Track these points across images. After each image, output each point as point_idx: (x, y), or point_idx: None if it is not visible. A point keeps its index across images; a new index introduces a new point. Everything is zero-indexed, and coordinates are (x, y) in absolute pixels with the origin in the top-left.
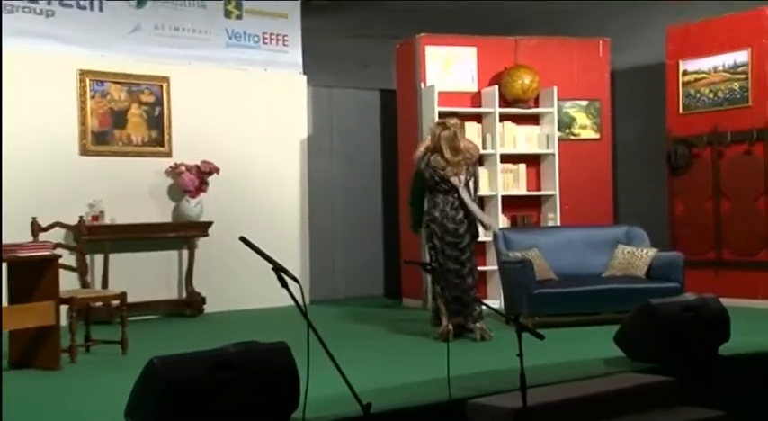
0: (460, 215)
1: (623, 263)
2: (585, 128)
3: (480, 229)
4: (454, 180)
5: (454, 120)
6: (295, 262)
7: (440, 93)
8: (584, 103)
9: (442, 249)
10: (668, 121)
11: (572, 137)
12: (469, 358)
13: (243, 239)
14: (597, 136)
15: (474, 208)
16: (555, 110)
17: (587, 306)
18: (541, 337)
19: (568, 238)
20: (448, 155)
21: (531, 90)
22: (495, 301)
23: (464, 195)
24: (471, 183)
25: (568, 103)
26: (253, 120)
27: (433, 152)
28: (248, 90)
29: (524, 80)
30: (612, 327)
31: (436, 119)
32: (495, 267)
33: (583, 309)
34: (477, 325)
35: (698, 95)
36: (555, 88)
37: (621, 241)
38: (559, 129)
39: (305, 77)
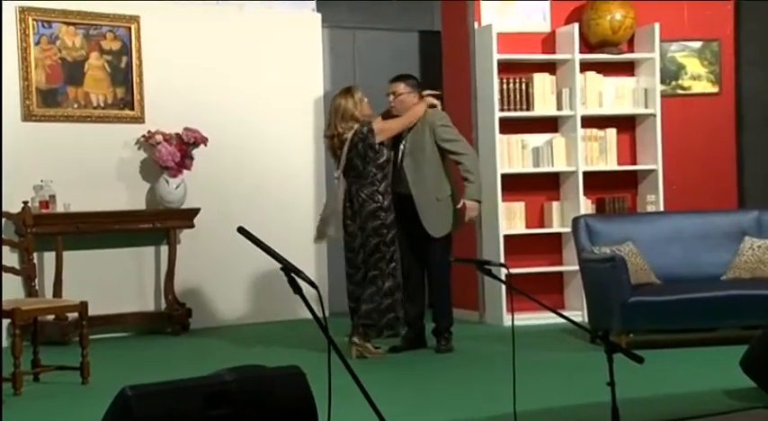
0: (340, 206)
1: (752, 262)
2: (699, 79)
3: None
4: (335, 166)
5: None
6: (309, 261)
7: (499, 35)
8: (698, 44)
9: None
10: None
11: (680, 91)
12: (541, 387)
13: (242, 231)
14: (715, 89)
15: (339, 203)
16: (657, 55)
17: (701, 319)
18: (640, 360)
19: (675, 229)
20: (326, 131)
21: (624, 28)
22: (577, 313)
23: (338, 186)
24: (359, 170)
25: (675, 46)
26: (251, 73)
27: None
28: (244, 33)
29: (615, 15)
30: (737, 348)
31: (495, 69)
32: (575, 267)
33: (695, 323)
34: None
35: None
36: (656, 25)
37: (750, 232)
38: (663, 82)
39: (319, 16)
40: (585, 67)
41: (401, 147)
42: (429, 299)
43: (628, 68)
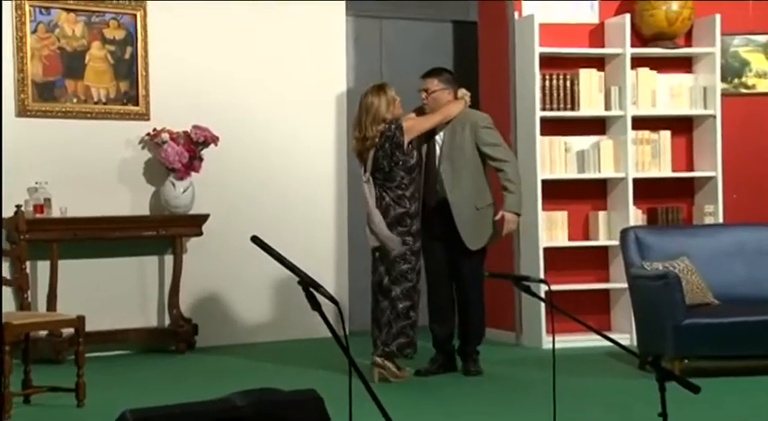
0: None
1: None
2: (765, 76)
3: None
4: (361, 169)
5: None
6: (328, 273)
7: (542, 26)
8: (764, 39)
9: None
10: None
11: (743, 90)
12: (584, 417)
13: (255, 240)
14: None
15: (372, 213)
16: (717, 50)
17: (764, 344)
18: (696, 390)
19: (736, 243)
20: (353, 130)
21: (682, 20)
22: (625, 336)
23: (366, 190)
24: (385, 172)
25: (738, 40)
26: (267, 67)
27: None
28: (261, 23)
29: (671, 6)
30: None
31: (536, 64)
32: (623, 285)
33: (757, 348)
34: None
35: None
36: (717, 17)
37: None
38: (724, 80)
39: (343, 3)
40: (637, 62)
41: (436, 148)
42: (459, 317)
43: (684, 64)
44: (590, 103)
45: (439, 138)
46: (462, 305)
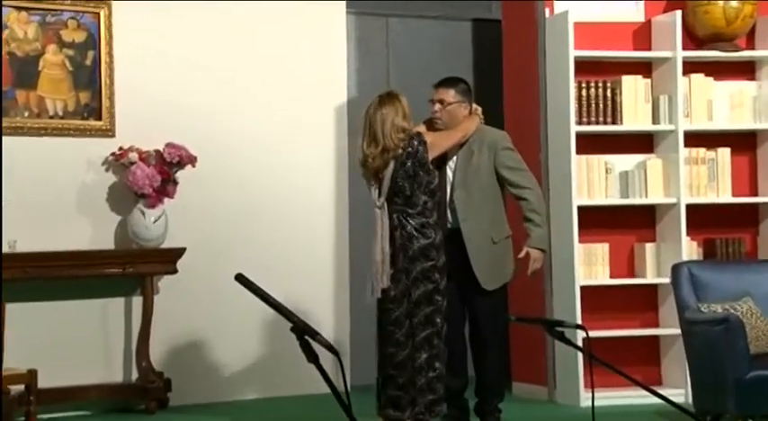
0: (387, 245)
1: None
2: None
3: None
4: (373, 192)
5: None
6: (327, 318)
7: (578, 25)
8: None
9: None
10: None
11: None
12: None
13: (240, 279)
14: None
15: (376, 249)
16: None
17: None
18: None
19: None
20: (364, 146)
21: (743, 18)
22: (678, 391)
23: (378, 219)
24: (406, 196)
25: None
26: (255, 74)
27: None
28: (247, 23)
29: (730, 2)
30: None
31: (571, 70)
32: (676, 331)
33: None
34: None
35: None
36: None
37: None
38: None
39: (344, 2)
40: (690, 67)
41: (448, 172)
42: (475, 369)
43: (746, 70)
44: (634, 116)
45: (451, 161)
46: (478, 354)
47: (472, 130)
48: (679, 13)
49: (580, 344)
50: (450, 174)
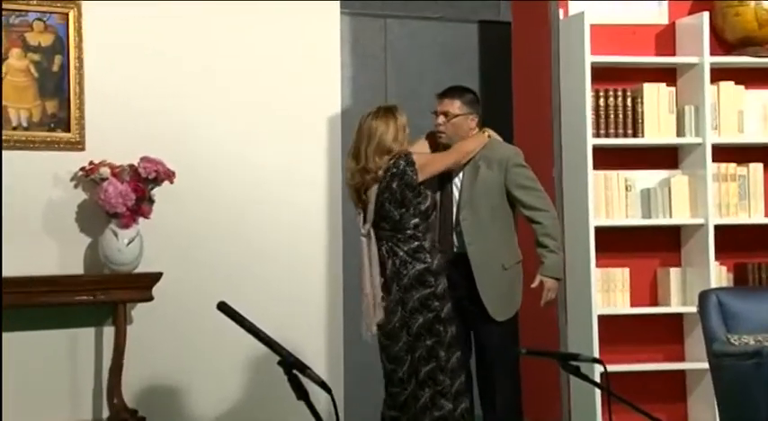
0: (377, 275)
1: None
2: None
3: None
4: (359, 219)
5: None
6: (318, 350)
7: (595, 28)
8: None
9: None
10: None
11: None
12: None
13: (223, 307)
14: None
15: (365, 279)
16: None
17: None
18: None
19: None
20: (348, 160)
21: None
22: None
23: (364, 248)
24: (394, 220)
25: None
26: (239, 82)
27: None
28: (230, 27)
29: (762, 3)
30: None
31: (587, 77)
32: (703, 365)
33: None
34: None
35: None
36: None
37: None
38: None
39: (337, 3)
40: (719, 74)
41: (454, 192)
42: (482, 407)
43: None
44: (657, 128)
45: (457, 178)
46: (486, 390)
47: (473, 151)
48: (706, 14)
49: (597, 379)
50: (455, 192)
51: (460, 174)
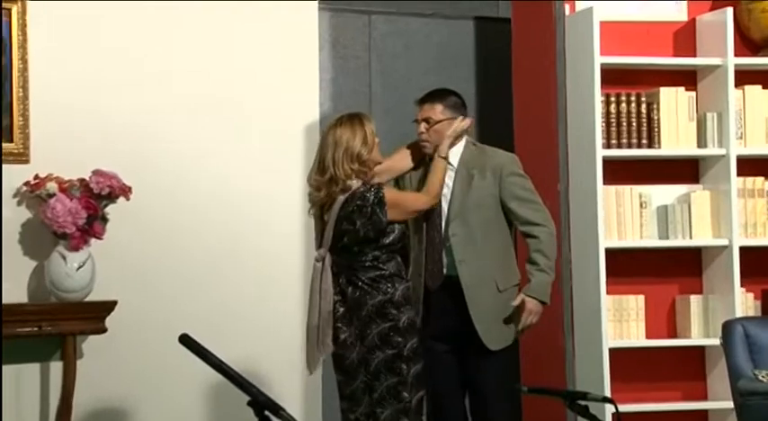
0: (328, 306)
1: None
2: None
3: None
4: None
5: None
6: (294, 388)
7: (605, 25)
8: None
9: None
10: None
11: None
12: None
13: (185, 340)
14: None
15: (314, 303)
16: None
17: None
18: None
19: None
20: (311, 173)
21: None
22: None
23: (316, 274)
24: (352, 252)
25: None
26: (203, 87)
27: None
28: (194, 25)
29: None
30: None
31: (597, 80)
32: (727, 403)
33: None
34: None
35: None
36: None
37: None
38: None
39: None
40: (745, 78)
41: (441, 202)
42: None
43: None
44: (675, 137)
45: (446, 189)
46: None
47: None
48: (730, 10)
49: (609, 420)
50: (443, 204)
51: (450, 184)
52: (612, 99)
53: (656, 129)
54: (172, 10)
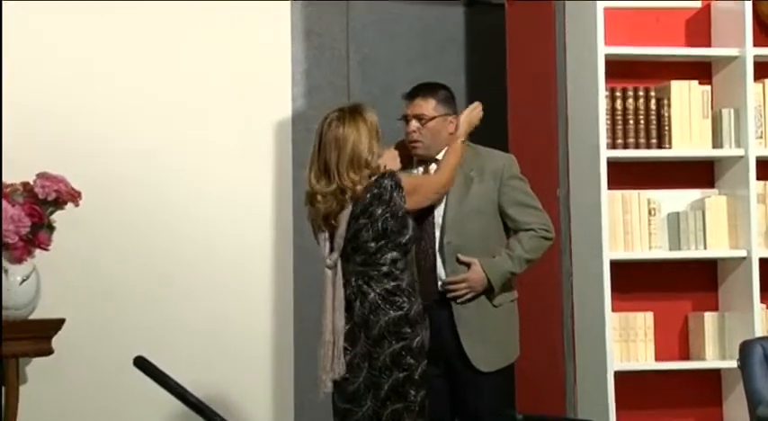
0: (341, 320)
1: None
2: None
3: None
4: (323, 245)
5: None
6: (262, 412)
7: (609, 12)
8: None
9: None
10: None
11: None
12: None
13: (140, 363)
14: None
15: (327, 315)
16: None
17: None
18: None
19: None
20: (312, 179)
21: None
22: None
23: (328, 283)
24: (369, 253)
25: None
26: (165, 81)
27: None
28: (152, 14)
29: None
30: None
31: (601, 72)
32: None
33: None
34: None
35: None
36: None
37: None
38: None
39: None
40: (764, 70)
41: (434, 212)
42: None
43: None
44: (688, 137)
45: None
46: None
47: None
48: None
49: None
50: (436, 214)
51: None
52: (618, 94)
53: (667, 128)
54: (136, 4)
